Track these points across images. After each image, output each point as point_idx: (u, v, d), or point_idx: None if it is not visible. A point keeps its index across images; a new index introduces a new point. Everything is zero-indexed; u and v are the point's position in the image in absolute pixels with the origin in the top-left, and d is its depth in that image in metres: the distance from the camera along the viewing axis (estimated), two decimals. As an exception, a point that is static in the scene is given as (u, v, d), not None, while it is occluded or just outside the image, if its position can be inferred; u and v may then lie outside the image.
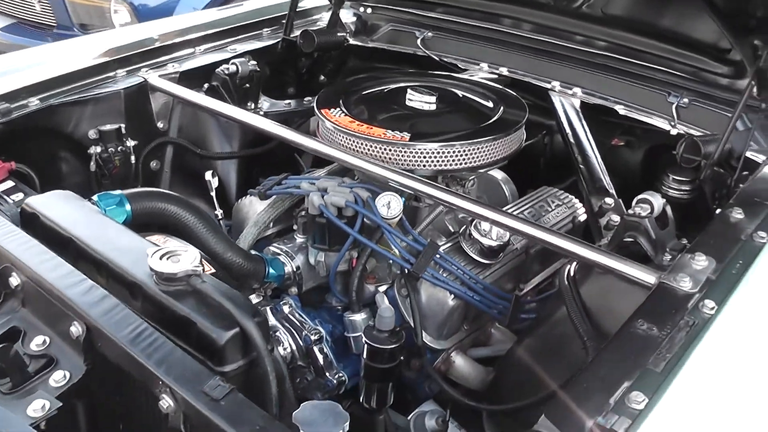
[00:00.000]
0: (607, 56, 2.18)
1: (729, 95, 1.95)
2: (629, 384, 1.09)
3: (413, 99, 1.93)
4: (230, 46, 2.42)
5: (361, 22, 2.73)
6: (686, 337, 1.18)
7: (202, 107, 2.06)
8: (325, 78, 2.67)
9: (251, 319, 1.17)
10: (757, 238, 1.43)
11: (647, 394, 1.06)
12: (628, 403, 1.05)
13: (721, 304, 1.25)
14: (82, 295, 1.23)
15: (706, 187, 1.76)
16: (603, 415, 1.03)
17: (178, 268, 1.23)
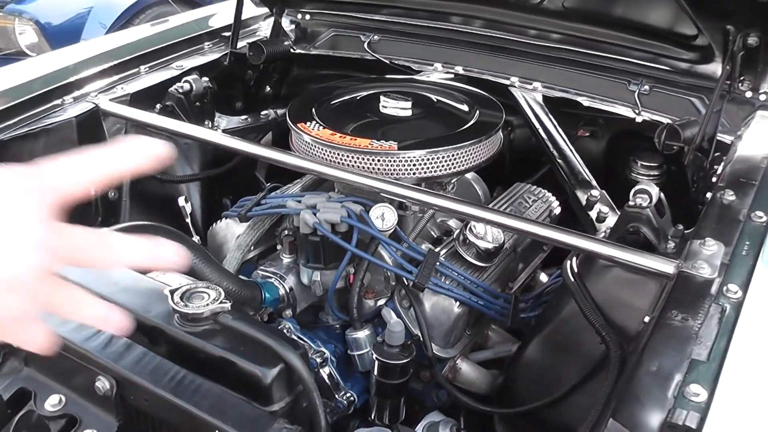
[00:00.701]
0: (565, 49, 2.20)
1: (691, 80, 2.00)
2: (681, 377, 1.08)
3: (388, 106, 1.89)
4: (175, 62, 2.32)
5: (301, 29, 2.66)
6: (720, 324, 1.20)
7: (161, 129, 1.95)
8: (271, 89, 2.60)
9: (294, 352, 1.11)
10: (756, 218, 1.46)
11: (703, 385, 1.06)
12: (688, 397, 1.04)
13: (744, 287, 1.27)
14: (103, 346, 1.14)
15: (689, 171, 1.79)
16: (671, 412, 1.02)
17: (204, 307, 1.15)
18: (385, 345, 1.57)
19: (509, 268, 1.84)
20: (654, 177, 2.12)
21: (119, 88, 2.11)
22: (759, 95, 1.90)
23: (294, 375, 1.11)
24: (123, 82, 2.15)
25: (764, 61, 1.77)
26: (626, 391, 1.08)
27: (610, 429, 1.02)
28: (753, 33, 1.70)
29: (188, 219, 1.91)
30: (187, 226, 1.92)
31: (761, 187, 1.57)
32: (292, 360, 1.10)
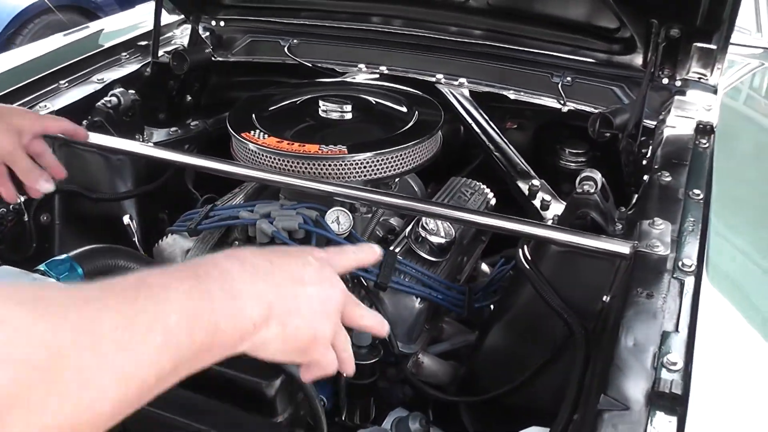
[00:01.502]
0: (488, 44, 2.27)
1: (611, 70, 2.12)
2: (657, 349, 1.15)
3: (327, 110, 1.91)
4: (95, 75, 2.25)
5: (216, 36, 2.63)
6: (681, 296, 1.28)
7: (92, 146, 1.89)
8: (191, 99, 2.55)
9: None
10: (694, 195, 1.56)
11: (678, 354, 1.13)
12: (668, 366, 1.11)
13: (699, 260, 1.36)
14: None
15: (623, 155, 1.89)
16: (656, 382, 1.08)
17: (195, 324, 1.14)
18: (353, 346, 1.58)
19: (457, 261, 1.89)
20: (581, 163, 2.23)
21: (41, 106, 2.03)
22: (675, 82, 2.02)
23: (293, 384, 1.12)
24: (44, 99, 2.07)
25: (684, 51, 1.89)
26: (609, 367, 1.14)
27: (602, 404, 1.07)
28: (675, 26, 1.81)
29: (135, 237, 1.86)
30: (134, 245, 1.87)
31: (692, 167, 1.68)
32: (293, 370, 1.10)
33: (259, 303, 0.80)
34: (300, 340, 0.86)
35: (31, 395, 0.52)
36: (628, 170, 1.93)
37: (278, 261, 0.86)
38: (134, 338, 0.62)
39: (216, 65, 2.57)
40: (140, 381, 0.64)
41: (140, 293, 0.66)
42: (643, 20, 1.86)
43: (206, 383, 1.11)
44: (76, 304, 0.59)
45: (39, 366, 0.53)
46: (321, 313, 0.88)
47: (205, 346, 0.73)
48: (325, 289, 0.90)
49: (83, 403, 0.57)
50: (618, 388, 1.08)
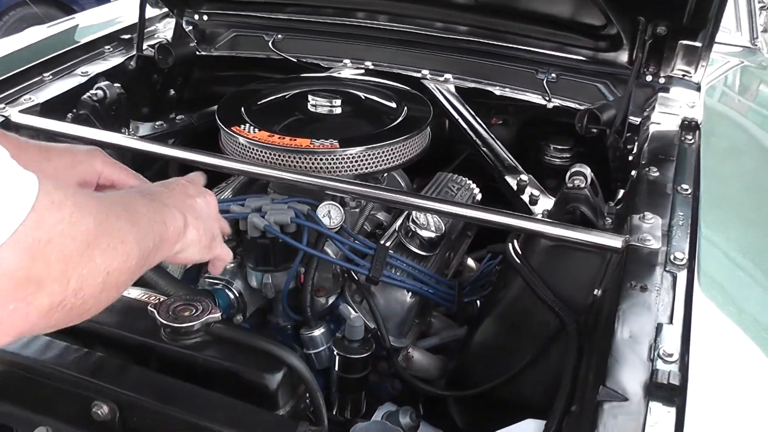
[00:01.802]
0: (473, 41, 2.27)
1: (596, 67, 2.14)
2: (653, 341, 1.17)
3: (317, 104, 1.90)
4: (78, 68, 2.22)
5: (199, 31, 2.61)
6: (674, 289, 1.29)
7: (80, 139, 1.86)
8: (175, 93, 2.53)
9: (294, 353, 1.12)
10: (682, 190, 1.58)
11: (673, 346, 1.15)
12: (664, 358, 1.13)
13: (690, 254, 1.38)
14: (95, 369, 1.10)
15: (610, 151, 1.91)
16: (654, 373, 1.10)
17: (196, 319, 1.14)
18: (345, 340, 1.59)
19: (445, 256, 1.90)
20: (566, 159, 2.25)
21: (26, 98, 2.00)
22: (659, 79, 2.05)
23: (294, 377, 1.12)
24: (28, 91, 2.04)
25: (670, 48, 1.92)
26: (606, 359, 1.15)
27: (602, 395, 1.08)
28: (662, 23, 1.83)
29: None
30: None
31: (679, 162, 1.70)
32: (294, 362, 1.11)
33: (179, 212, 1.03)
34: (207, 238, 1.10)
35: (100, 240, 0.78)
36: (615, 165, 1.95)
37: (170, 186, 1.12)
38: (136, 220, 0.89)
39: (199, 59, 2.55)
40: (143, 248, 0.88)
41: (126, 200, 0.94)
42: (630, 17, 1.88)
43: (208, 377, 1.11)
44: (108, 204, 0.85)
45: (105, 228, 0.80)
46: (211, 216, 1.14)
47: (162, 238, 0.97)
48: (206, 198, 1.15)
49: (124, 255, 0.83)
50: (616, 380, 1.10)
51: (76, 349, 1.14)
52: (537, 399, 1.56)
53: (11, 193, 0.68)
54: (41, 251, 0.69)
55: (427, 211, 1.70)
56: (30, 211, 0.68)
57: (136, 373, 1.10)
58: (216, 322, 1.15)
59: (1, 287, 0.67)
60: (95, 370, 1.10)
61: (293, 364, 1.10)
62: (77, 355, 1.13)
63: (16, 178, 0.69)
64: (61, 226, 0.72)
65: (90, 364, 1.11)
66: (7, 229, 0.67)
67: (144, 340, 1.15)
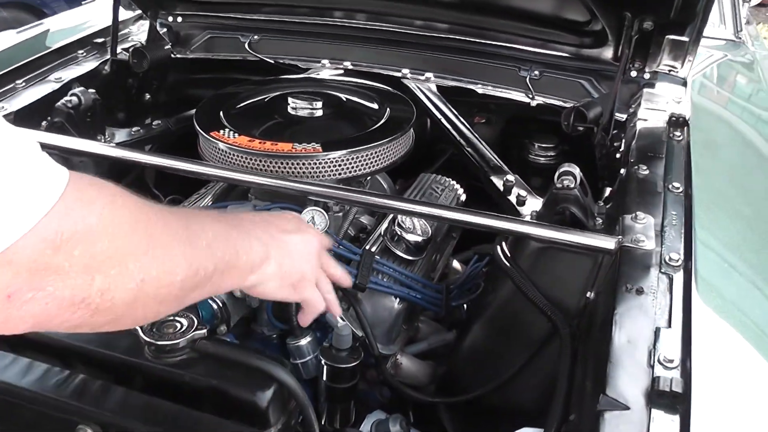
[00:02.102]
0: (453, 38, 2.24)
1: (580, 63, 2.11)
2: (651, 346, 1.14)
3: (297, 107, 1.86)
4: (52, 74, 2.16)
5: (173, 33, 2.55)
6: (671, 291, 1.27)
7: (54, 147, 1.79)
8: (150, 97, 2.48)
9: (284, 369, 1.08)
10: (674, 189, 1.56)
11: (673, 351, 1.12)
12: (665, 364, 1.10)
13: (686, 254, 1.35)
14: (76, 391, 1.05)
15: (597, 150, 1.88)
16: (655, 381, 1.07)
17: (180, 336, 1.10)
18: (333, 349, 1.55)
19: (432, 260, 1.86)
20: (551, 157, 2.22)
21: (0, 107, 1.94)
22: (644, 74, 2.03)
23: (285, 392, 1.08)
24: (1, 99, 1.98)
25: (656, 44, 1.90)
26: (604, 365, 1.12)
27: (602, 404, 1.05)
28: (648, 18, 1.80)
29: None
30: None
31: (668, 159, 1.68)
32: (284, 378, 1.06)
33: (260, 245, 1.02)
34: (292, 277, 1.09)
35: (135, 245, 0.77)
36: (602, 164, 1.92)
37: (267, 217, 1.12)
38: (191, 238, 0.87)
39: (175, 62, 2.50)
40: (196, 268, 0.86)
41: (187, 217, 0.91)
42: (615, 13, 1.85)
43: (196, 396, 1.07)
44: (156, 211, 0.84)
45: (142, 233, 0.79)
46: (305, 256, 1.13)
47: (230, 265, 0.95)
48: (306, 237, 1.15)
49: (165, 267, 0.81)
50: (616, 387, 1.07)
51: (58, 371, 1.09)
52: (529, 405, 1.53)
53: (38, 183, 0.69)
54: (63, 244, 0.70)
55: (413, 215, 1.66)
56: (56, 202, 0.69)
57: (120, 393, 1.05)
58: (202, 338, 1.10)
59: (19, 275, 0.68)
60: (78, 393, 1.05)
61: (283, 379, 1.06)
62: (59, 378, 1.08)
63: (46, 170, 0.71)
64: (89, 222, 0.72)
65: (72, 386, 1.06)
66: (31, 219, 0.68)
67: (127, 359, 1.10)
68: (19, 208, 0.67)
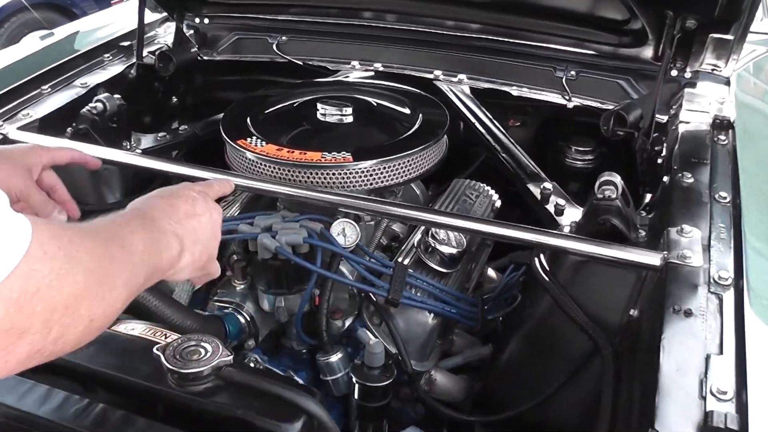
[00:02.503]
0: (486, 38, 2.17)
1: (617, 63, 2.04)
2: (703, 375, 1.07)
3: (326, 113, 1.80)
4: (77, 79, 2.12)
5: (200, 35, 2.52)
6: (721, 313, 1.19)
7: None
8: (177, 100, 2.44)
9: (313, 399, 1.03)
10: (720, 199, 1.48)
11: (726, 381, 1.05)
12: (718, 395, 1.03)
13: (736, 272, 1.27)
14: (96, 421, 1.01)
15: (638, 154, 1.80)
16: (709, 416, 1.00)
17: (205, 363, 1.05)
18: (364, 367, 1.50)
19: (466, 270, 1.80)
20: (588, 161, 2.15)
21: (24, 114, 1.91)
22: (685, 74, 1.94)
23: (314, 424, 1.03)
24: (26, 106, 1.95)
25: (699, 43, 1.81)
26: (653, 394, 1.05)
27: None
28: (691, 16, 1.72)
29: (126, 253, 1.74)
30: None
31: (713, 166, 1.60)
32: (314, 410, 1.01)
33: (175, 238, 1.00)
34: (202, 260, 1.08)
35: (89, 291, 0.76)
36: (642, 169, 1.84)
37: (175, 202, 1.07)
38: (128, 261, 0.86)
39: (201, 65, 2.46)
40: (132, 287, 0.86)
41: (124, 235, 0.89)
42: (656, 11, 1.78)
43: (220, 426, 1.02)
44: (103, 247, 0.82)
45: (94, 279, 0.77)
46: (212, 236, 1.11)
47: (155, 268, 0.94)
48: (212, 215, 1.12)
49: (110, 301, 0.80)
50: (665, 421, 1.00)
51: (77, 399, 1.05)
52: (570, 424, 1.47)
53: (2, 241, 0.66)
54: (27, 302, 0.68)
55: (447, 228, 1.60)
56: (20, 261, 0.67)
57: (142, 425, 1.01)
58: (227, 365, 1.05)
59: None
60: (98, 423, 1.01)
61: (313, 410, 1.01)
62: (78, 406, 1.03)
63: (10, 225, 0.68)
64: (50, 277, 0.70)
65: (92, 415, 1.02)
66: None
67: (149, 385, 1.06)
68: None
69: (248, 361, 1.57)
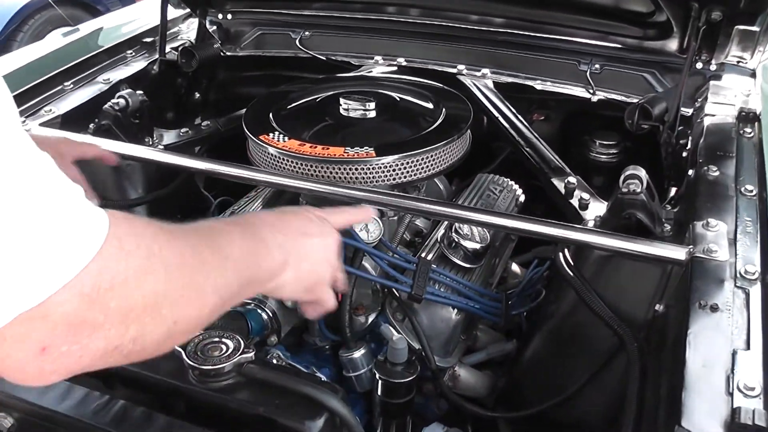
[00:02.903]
0: (510, 32, 2.16)
1: (642, 56, 2.02)
2: (730, 371, 1.05)
3: (349, 108, 1.79)
4: (100, 75, 2.13)
5: (223, 30, 2.52)
6: (748, 308, 1.17)
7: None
8: (200, 96, 2.44)
9: (336, 396, 1.02)
10: (747, 192, 1.46)
11: (753, 377, 1.03)
12: (746, 391, 1.01)
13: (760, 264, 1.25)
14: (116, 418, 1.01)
15: (663, 148, 1.78)
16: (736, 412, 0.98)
17: (226, 359, 1.04)
18: (388, 363, 1.49)
19: (490, 265, 1.79)
20: (613, 155, 2.12)
21: (46, 110, 1.92)
22: (710, 66, 1.92)
23: (337, 421, 1.02)
24: (48, 102, 1.96)
25: (724, 35, 1.79)
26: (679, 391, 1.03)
27: None
28: (717, 8, 1.70)
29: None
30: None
31: (739, 159, 1.58)
32: (337, 407, 1.01)
33: (280, 252, 1.00)
34: (308, 281, 1.08)
35: (170, 292, 0.75)
36: (667, 163, 1.81)
37: (288, 218, 1.09)
38: (221, 266, 0.85)
39: (224, 60, 2.46)
40: (223, 295, 0.84)
41: (218, 239, 0.88)
42: (681, 3, 1.75)
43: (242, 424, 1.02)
44: (191, 247, 0.81)
45: (178, 278, 0.76)
46: (323, 260, 1.11)
47: (252, 279, 0.94)
48: (326, 240, 1.12)
49: (197, 304, 0.80)
50: (692, 418, 0.98)
51: (98, 396, 1.05)
52: (595, 421, 1.46)
53: (77, 234, 0.66)
54: (100, 297, 0.67)
55: (470, 223, 1.59)
56: (95, 256, 0.66)
57: (162, 422, 1.01)
58: (249, 361, 1.05)
59: (55, 329, 0.66)
60: (118, 420, 1.01)
61: (335, 408, 1.00)
62: (99, 402, 1.04)
63: (86, 219, 0.67)
64: (126, 274, 0.70)
65: (113, 412, 1.03)
66: (68, 273, 0.65)
67: (170, 382, 1.06)
68: (56, 260, 0.64)
69: (271, 358, 1.57)
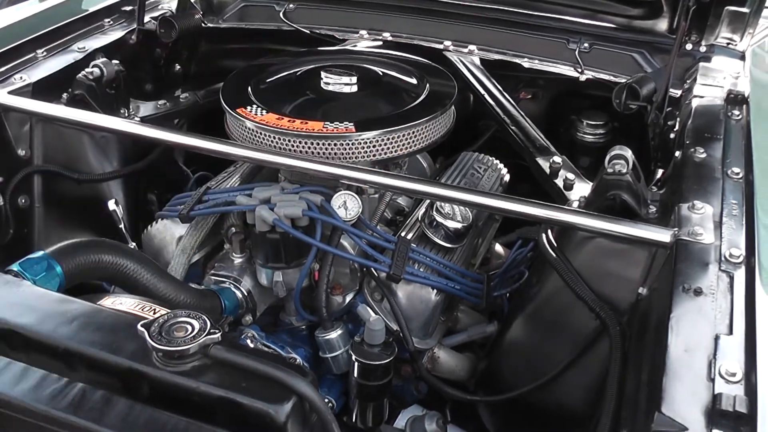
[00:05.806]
0: (499, 9, 2.11)
1: (632, 35, 1.99)
2: (711, 356, 1.02)
3: (330, 82, 1.74)
4: (75, 44, 2.06)
5: (206, 1, 2.46)
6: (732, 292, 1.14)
7: (74, 123, 1.73)
8: (180, 68, 2.38)
9: (304, 380, 0.98)
10: (733, 174, 1.43)
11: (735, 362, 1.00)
12: (727, 377, 0.98)
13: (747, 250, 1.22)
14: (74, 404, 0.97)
15: (650, 129, 1.75)
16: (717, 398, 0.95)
17: (191, 341, 1.00)
18: (364, 345, 1.46)
19: (472, 245, 1.75)
20: (600, 135, 2.09)
21: (17, 78, 1.86)
22: (699, 47, 1.88)
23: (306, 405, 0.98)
24: (19, 70, 1.89)
25: (714, 15, 1.76)
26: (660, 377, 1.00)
27: (658, 423, 0.93)
28: None
29: (122, 224, 1.70)
30: (121, 233, 1.71)
31: (726, 141, 1.54)
32: (305, 390, 0.96)
33: None
34: None
35: None
36: (655, 144, 1.78)
37: None
38: None
39: (206, 32, 2.40)
40: None
41: None
42: None
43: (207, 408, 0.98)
44: None
45: None
46: None
47: None
48: None
49: None
50: (672, 404, 0.95)
51: (56, 379, 0.99)
52: (576, 405, 1.43)
53: None
54: None
55: (452, 202, 1.55)
56: None
57: (123, 406, 0.96)
58: (215, 342, 1.00)
59: None
60: (76, 405, 0.96)
61: (304, 391, 0.96)
62: (56, 386, 0.98)
63: None
64: None
65: (70, 396, 0.97)
66: None
67: (132, 364, 1.00)
68: None
69: (245, 337, 1.54)
